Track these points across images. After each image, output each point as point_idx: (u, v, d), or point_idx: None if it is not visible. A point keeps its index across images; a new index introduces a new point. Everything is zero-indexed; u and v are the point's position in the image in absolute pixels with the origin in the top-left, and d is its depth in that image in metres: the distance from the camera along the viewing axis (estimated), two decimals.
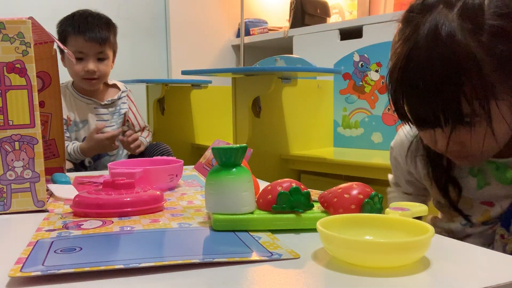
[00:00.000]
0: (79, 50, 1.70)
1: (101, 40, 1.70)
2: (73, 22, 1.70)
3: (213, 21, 3.22)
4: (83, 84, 1.75)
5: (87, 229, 0.58)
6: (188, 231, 0.58)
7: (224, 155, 0.57)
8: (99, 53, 1.72)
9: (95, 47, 1.70)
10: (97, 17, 1.75)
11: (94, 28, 1.69)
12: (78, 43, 1.69)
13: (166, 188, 0.86)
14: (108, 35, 1.73)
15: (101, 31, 1.71)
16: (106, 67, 1.76)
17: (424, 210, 0.56)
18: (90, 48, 1.70)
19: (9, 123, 0.69)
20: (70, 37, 1.70)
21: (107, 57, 1.75)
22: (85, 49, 1.69)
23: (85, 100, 1.78)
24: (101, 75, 1.74)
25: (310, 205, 0.58)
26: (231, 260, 0.46)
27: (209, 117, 2.37)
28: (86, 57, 1.70)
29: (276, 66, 2.11)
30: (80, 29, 1.68)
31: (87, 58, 1.71)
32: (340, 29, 2.57)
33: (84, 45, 1.69)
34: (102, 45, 1.71)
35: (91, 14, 1.75)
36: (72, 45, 1.70)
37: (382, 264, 0.44)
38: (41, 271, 0.42)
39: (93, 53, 1.71)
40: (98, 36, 1.69)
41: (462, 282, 0.42)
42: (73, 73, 1.75)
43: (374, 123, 1.74)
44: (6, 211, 0.69)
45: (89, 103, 1.78)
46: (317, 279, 0.43)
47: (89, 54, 1.70)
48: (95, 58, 1.72)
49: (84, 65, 1.70)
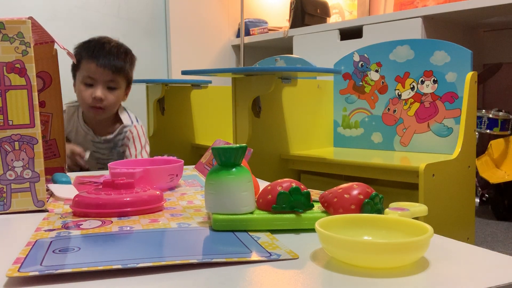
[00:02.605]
0: (89, 75, 1.58)
1: (114, 67, 1.59)
2: (89, 46, 1.61)
3: (213, 21, 3.22)
4: (89, 112, 1.63)
5: (86, 229, 0.58)
6: (187, 231, 0.57)
7: (224, 155, 0.57)
8: (110, 81, 1.59)
9: (107, 74, 1.58)
10: (115, 45, 1.65)
11: (108, 55, 1.59)
12: (90, 68, 1.58)
13: (166, 188, 0.86)
14: (123, 65, 1.61)
15: (116, 59, 1.60)
16: (116, 98, 1.62)
17: (424, 210, 0.56)
18: (101, 74, 1.58)
19: (9, 123, 0.69)
20: (83, 61, 1.59)
21: (118, 87, 1.62)
22: (96, 75, 1.58)
23: (86, 130, 1.67)
24: (109, 105, 1.61)
25: (310, 205, 0.58)
26: (229, 260, 0.46)
27: (209, 117, 2.37)
28: (96, 83, 1.59)
29: (276, 66, 2.11)
30: (94, 54, 1.58)
31: (96, 85, 1.59)
32: (340, 29, 2.57)
33: (95, 71, 1.57)
34: (114, 73, 1.59)
35: (109, 41, 1.65)
36: (84, 69, 1.59)
37: (381, 264, 0.44)
38: (39, 271, 0.42)
39: (103, 80, 1.58)
40: (111, 63, 1.58)
41: (461, 282, 0.42)
42: (80, 100, 1.63)
43: (374, 123, 1.74)
44: (6, 211, 0.69)
45: (88, 133, 1.67)
46: (316, 279, 0.43)
47: (99, 80, 1.58)
48: (105, 86, 1.59)
49: (92, 91, 1.58)
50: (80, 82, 1.60)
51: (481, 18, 2.39)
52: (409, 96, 1.64)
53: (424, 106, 1.60)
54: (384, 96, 1.70)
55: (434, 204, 1.30)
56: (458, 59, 1.51)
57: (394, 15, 2.35)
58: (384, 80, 1.70)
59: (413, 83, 1.62)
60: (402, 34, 2.21)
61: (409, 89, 1.64)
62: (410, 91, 1.63)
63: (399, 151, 1.66)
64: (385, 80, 1.70)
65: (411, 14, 2.26)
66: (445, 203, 1.37)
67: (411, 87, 1.63)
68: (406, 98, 1.65)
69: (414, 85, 1.62)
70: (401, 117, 1.66)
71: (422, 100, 1.60)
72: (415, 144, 1.62)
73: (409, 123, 1.64)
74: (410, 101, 1.64)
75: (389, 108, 1.70)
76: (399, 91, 1.67)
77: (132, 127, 1.68)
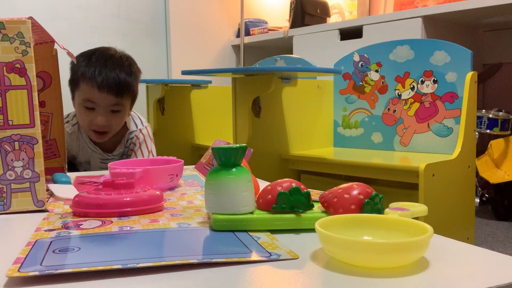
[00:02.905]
0: (90, 99, 1.40)
1: (118, 90, 1.40)
2: (89, 63, 1.41)
3: (213, 21, 3.22)
4: (91, 135, 1.48)
5: (86, 229, 0.58)
6: (187, 231, 0.57)
7: (224, 155, 0.57)
8: (113, 105, 1.42)
9: (110, 99, 1.41)
10: (119, 60, 1.45)
11: (111, 76, 1.39)
12: (90, 91, 1.39)
13: (166, 188, 0.86)
14: (128, 84, 1.44)
15: (120, 79, 1.41)
16: (120, 120, 1.48)
17: (424, 210, 0.56)
18: (103, 99, 1.40)
19: (9, 123, 0.69)
20: (82, 81, 1.40)
21: (122, 109, 1.45)
22: (97, 100, 1.40)
23: (93, 148, 1.53)
24: (113, 129, 1.47)
25: (310, 205, 0.58)
26: (229, 260, 0.46)
27: (209, 117, 2.37)
28: (98, 107, 1.41)
29: (276, 66, 2.11)
30: (95, 76, 1.38)
31: (98, 109, 1.41)
32: (340, 29, 2.57)
33: (97, 96, 1.39)
34: (118, 97, 1.41)
35: (111, 57, 1.44)
36: (84, 92, 1.40)
37: (381, 264, 0.44)
38: (39, 271, 0.42)
39: (106, 104, 1.41)
40: (114, 86, 1.39)
41: (461, 283, 0.42)
42: (81, 122, 1.47)
43: (374, 123, 1.74)
44: (6, 211, 0.69)
45: (95, 151, 1.54)
46: (316, 279, 0.43)
47: (101, 105, 1.41)
48: (108, 110, 1.42)
49: (93, 117, 1.41)
50: (80, 104, 1.43)
51: (481, 18, 2.39)
52: (409, 96, 1.64)
53: (424, 106, 1.60)
54: (384, 96, 1.70)
55: (434, 204, 1.30)
56: (458, 59, 1.51)
57: (394, 15, 2.35)
58: (384, 80, 1.70)
59: (413, 83, 1.62)
60: (402, 34, 2.21)
61: (409, 89, 1.64)
62: (410, 91, 1.63)
63: (399, 151, 1.66)
64: (385, 80, 1.70)
65: (411, 14, 2.27)
66: (445, 203, 1.37)
67: (411, 87, 1.63)
68: (406, 98, 1.65)
69: (414, 85, 1.62)
70: (401, 117, 1.66)
71: (422, 100, 1.60)
72: (415, 144, 1.62)
73: (409, 123, 1.64)
74: (410, 101, 1.64)
75: (389, 108, 1.70)
76: (399, 91, 1.67)
77: (137, 132, 1.57)
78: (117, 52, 1.49)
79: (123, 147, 1.57)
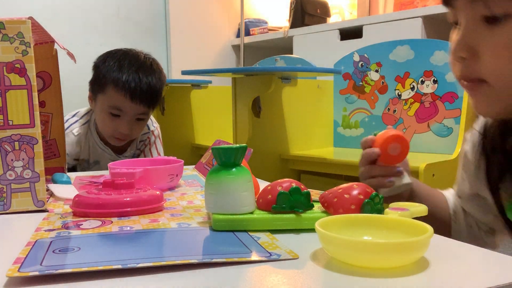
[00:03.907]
0: (118, 107, 1.36)
1: (150, 101, 1.36)
2: (122, 69, 1.35)
3: (213, 21, 3.22)
4: (111, 140, 1.45)
5: (86, 229, 0.58)
6: (187, 231, 0.57)
7: (224, 155, 0.57)
8: (141, 113, 1.39)
9: (140, 109, 1.37)
10: (150, 67, 1.39)
11: (144, 86, 1.34)
12: (121, 99, 1.34)
13: (166, 188, 0.85)
14: (159, 93, 1.40)
15: (152, 88, 1.36)
16: (142, 127, 1.46)
17: (424, 210, 0.56)
18: (132, 109, 1.36)
19: (9, 123, 0.69)
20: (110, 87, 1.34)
21: (147, 117, 1.43)
22: (126, 109, 1.36)
23: (103, 148, 1.50)
24: (134, 135, 1.45)
25: (310, 205, 0.58)
26: (229, 260, 0.46)
27: (209, 117, 2.37)
28: (124, 115, 1.37)
29: (276, 66, 2.11)
30: (128, 85, 1.33)
31: (123, 117, 1.37)
32: (340, 29, 2.57)
33: (127, 105, 1.35)
34: (149, 107, 1.39)
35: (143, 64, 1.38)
36: (112, 99, 1.35)
37: (381, 264, 0.44)
38: (39, 271, 0.42)
39: (134, 113, 1.38)
40: (147, 96, 1.35)
41: (461, 283, 0.42)
42: (101, 127, 1.43)
43: (374, 123, 1.74)
44: (6, 211, 0.69)
45: (106, 151, 1.50)
46: (316, 279, 0.43)
47: (128, 114, 1.37)
48: (133, 119, 1.39)
49: (117, 124, 1.38)
50: (104, 110, 1.39)
51: None
52: (409, 96, 1.64)
53: (424, 106, 1.60)
54: (384, 96, 1.70)
55: None
56: None
57: (394, 15, 2.36)
58: (384, 80, 1.70)
59: (413, 83, 1.62)
60: (402, 34, 2.21)
61: (409, 89, 1.64)
62: (410, 91, 1.63)
63: None
64: (385, 80, 1.70)
65: (411, 14, 2.27)
66: None
67: (411, 87, 1.63)
68: (406, 98, 1.65)
69: (414, 85, 1.62)
70: (401, 117, 1.66)
71: (422, 100, 1.60)
72: (415, 144, 1.62)
73: (409, 123, 1.64)
74: (410, 101, 1.64)
75: (389, 108, 1.70)
76: (399, 91, 1.67)
77: (150, 133, 1.55)
78: (147, 58, 1.44)
79: (134, 149, 1.55)
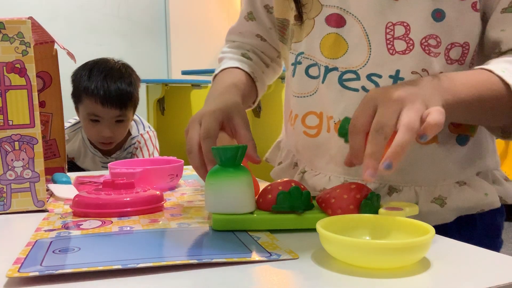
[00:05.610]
0: (94, 113, 1.50)
1: (121, 103, 1.48)
2: (91, 77, 1.47)
3: (213, 21, 3.22)
4: (98, 144, 1.58)
5: (86, 229, 0.58)
6: (187, 231, 0.57)
7: (224, 155, 0.57)
8: (117, 116, 1.51)
9: (113, 112, 1.49)
10: (118, 71, 1.52)
11: (113, 89, 1.46)
12: (94, 106, 1.47)
13: (166, 188, 0.85)
14: (130, 95, 1.51)
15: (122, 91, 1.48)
16: (124, 129, 1.57)
17: (415, 210, 0.55)
18: (107, 113, 1.49)
19: (9, 123, 0.69)
20: (85, 96, 1.48)
21: (126, 119, 1.54)
22: (102, 114, 1.49)
23: (93, 152, 1.62)
24: (118, 138, 1.56)
25: (310, 205, 0.58)
26: (229, 260, 0.46)
27: None
28: (102, 120, 1.50)
29: None
30: (97, 92, 1.45)
31: (102, 122, 1.50)
32: None
33: (100, 110, 1.48)
34: (122, 109, 1.50)
35: (111, 69, 1.51)
36: (88, 107, 1.49)
37: (382, 265, 0.44)
38: (39, 271, 0.42)
39: (110, 117, 1.50)
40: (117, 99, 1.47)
41: (462, 283, 0.42)
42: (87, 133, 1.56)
43: None
44: (6, 211, 0.69)
45: (96, 154, 1.62)
46: (316, 279, 0.43)
47: (105, 118, 1.50)
48: (112, 122, 1.51)
49: (99, 129, 1.51)
50: (85, 118, 1.53)
51: None
52: None
53: None
54: None
55: None
56: None
57: None
58: None
59: None
60: None
61: None
62: None
63: None
64: None
65: None
66: None
67: None
68: None
69: None
70: None
71: None
72: None
73: None
74: None
75: None
76: None
77: (139, 137, 1.63)
78: (116, 63, 1.55)
79: (123, 151, 1.63)
